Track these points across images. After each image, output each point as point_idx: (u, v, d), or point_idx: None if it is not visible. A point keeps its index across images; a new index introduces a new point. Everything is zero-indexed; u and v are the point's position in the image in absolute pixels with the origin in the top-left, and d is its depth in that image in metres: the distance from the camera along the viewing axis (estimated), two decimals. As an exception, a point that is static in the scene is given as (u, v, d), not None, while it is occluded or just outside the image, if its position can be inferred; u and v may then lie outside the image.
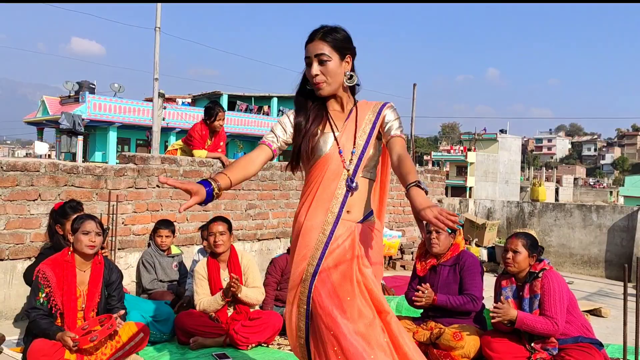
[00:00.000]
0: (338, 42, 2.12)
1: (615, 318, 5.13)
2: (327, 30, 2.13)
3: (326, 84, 2.14)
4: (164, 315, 3.91)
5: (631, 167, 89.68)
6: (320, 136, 2.19)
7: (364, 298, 2.12)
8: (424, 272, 3.80)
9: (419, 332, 3.63)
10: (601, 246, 7.83)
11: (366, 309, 2.10)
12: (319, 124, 2.20)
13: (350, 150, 2.17)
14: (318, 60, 2.11)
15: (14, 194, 4.26)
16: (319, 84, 2.13)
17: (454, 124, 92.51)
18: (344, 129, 2.20)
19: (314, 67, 2.11)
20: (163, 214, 5.22)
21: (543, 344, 3.27)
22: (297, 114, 2.23)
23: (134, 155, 5.21)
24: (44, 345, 2.93)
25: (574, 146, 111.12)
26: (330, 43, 2.11)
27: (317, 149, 2.18)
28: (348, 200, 2.17)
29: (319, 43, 2.11)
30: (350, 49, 2.18)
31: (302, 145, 2.18)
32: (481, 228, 8.28)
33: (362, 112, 2.22)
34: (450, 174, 41.56)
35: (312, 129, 2.18)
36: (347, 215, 2.17)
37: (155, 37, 13.86)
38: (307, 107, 2.20)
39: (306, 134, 2.18)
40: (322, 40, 2.11)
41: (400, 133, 2.21)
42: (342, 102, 2.24)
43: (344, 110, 2.24)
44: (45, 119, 25.88)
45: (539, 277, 3.34)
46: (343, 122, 2.22)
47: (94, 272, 3.20)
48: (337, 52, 2.12)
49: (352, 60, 2.19)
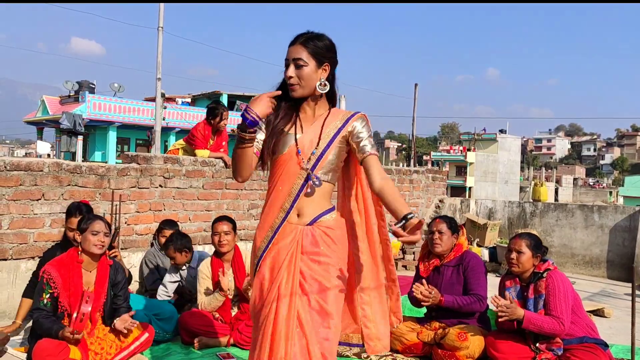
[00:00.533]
0: (317, 49, 2.19)
1: (619, 318, 5.14)
2: (309, 37, 2.20)
3: (299, 86, 2.20)
4: (167, 314, 3.91)
5: (631, 167, 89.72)
6: (284, 135, 2.25)
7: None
8: (427, 273, 3.80)
9: (423, 332, 3.63)
10: (603, 246, 7.83)
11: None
12: (285, 124, 2.26)
13: (311, 151, 2.22)
14: (295, 64, 2.19)
15: (17, 193, 4.26)
16: (293, 86, 2.21)
17: (453, 124, 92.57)
18: (307, 131, 2.25)
19: (290, 69, 2.20)
20: (166, 213, 5.22)
21: (548, 344, 3.27)
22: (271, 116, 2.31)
23: (136, 155, 5.20)
24: (49, 345, 2.93)
25: (573, 146, 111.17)
26: (309, 49, 2.18)
27: (278, 147, 2.24)
28: (300, 202, 2.22)
29: (298, 47, 2.19)
30: (329, 57, 2.23)
31: (266, 142, 2.25)
32: (483, 228, 8.28)
33: (331, 118, 2.27)
34: (450, 174, 41.47)
35: (279, 127, 2.25)
36: (296, 219, 2.23)
37: (158, 37, 13.85)
38: (280, 106, 2.27)
39: (272, 130, 2.24)
40: (302, 45, 2.19)
41: (374, 152, 2.25)
42: (315, 107, 2.28)
43: (315, 115, 2.29)
44: (45, 119, 25.87)
45: (543, 277, 3.33)
46: (310, 125, 2.26)
47: (100, 273, 3.20)
48: (315, 59, 2.19)
49: (330, 69, 2.23)
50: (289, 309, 2.11)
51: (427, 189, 9.07)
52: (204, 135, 5.55)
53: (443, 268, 3.74)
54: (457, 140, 63.39)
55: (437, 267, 3.76)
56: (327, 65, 2.22)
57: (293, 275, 2.16)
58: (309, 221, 2.24)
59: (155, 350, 3.61)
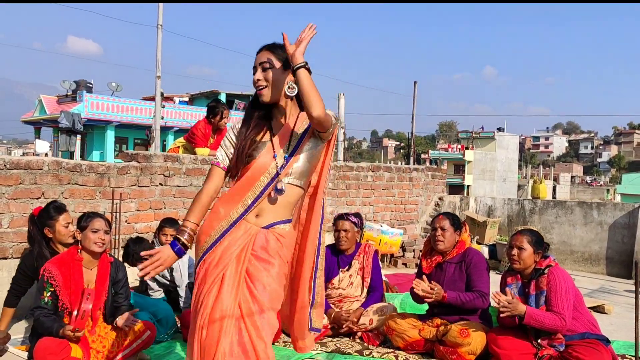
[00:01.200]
0: (284, 54, 2.20)
1: (619, 315, 5.15)
2: (275, 44, 2.24)
3: (267, 89, 2.22)
4: (162, 313, 3.86)
5: (628, 164, 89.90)
6: (257, 143, 2.25)
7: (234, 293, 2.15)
8: (429, 269, 3.79)
9: (425, 329, 3.63)
10: (602, 243, 7.85)
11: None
12: (258, 133, 2.27)
13: (283, 156, 2.23)
14: (262, 67, 2.22)
15: (17, 192, 4.24)
16: (261, 89, 2.22)
17: (451, 123, 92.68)
18: (278, 134, 2.26)
19: (257, 73, 2.23)
20: (166, 212, 5.21)
21: (550, 341, 3.27)
22: (242, 123, 2.32)
23: (136, 154, 5.19)
24: (51, 343, 2.92)
25: (571, 144, 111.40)
26: (276, 53, 2.22)
27: (251, 155, 2.25)
28: (263, 204, 2.22)
29: (265, 53, 2.23)
30: None
31: (239, 150, 2.25)
32: (482, 226, 8.29)
33: (300, 121, 2.27)
34: (448, 173, 41.51)
35: (250, 136, 2.26)
36: (254, 219, 2.23)
37: (157, 35, 13.82)
38: (252, 117, 2.30)
39: (244, 140, 2.25)
40: (269, 50, 2.24)
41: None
42: (286, 112, 2.29)
43: (286, 120, 2.29)
44: (43, 118, 25.82)
45: (545, 273, 3.33)
46: (279, 129, 2.27)
47: (101, 270, 3.19)
48: (281, 61, 2.21)
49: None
50: (234, 297, 2.13)
51: (426, 187, 9.07)
52: (204, 134, 5.54)
53: (445, 265, 3.73)
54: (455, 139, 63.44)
55: (439, 263, 3.76)
56: None
57: (240, 271, 2.17)
58: (266, 225, 2.25)
59: (157, 348, 3.60)
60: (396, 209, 8.31)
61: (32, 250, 3.57)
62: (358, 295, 4.09)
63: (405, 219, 8.46)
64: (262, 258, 2.20)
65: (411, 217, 8.58)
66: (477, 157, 42.63)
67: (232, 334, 2.09)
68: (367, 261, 4.13)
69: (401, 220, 8.38)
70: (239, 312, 2.12)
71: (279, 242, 2.25)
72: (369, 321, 3.86)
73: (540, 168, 52.88)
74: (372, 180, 7.87)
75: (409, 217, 8.54)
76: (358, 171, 7.67)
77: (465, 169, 42.22)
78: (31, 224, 3.59)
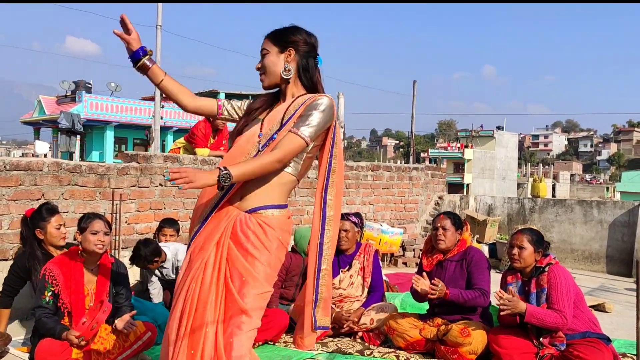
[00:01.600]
0: (279, 35, 2.23)
1: (620, 313, 5.15)
2: (275, 30, 2.27)
3: (265, 76, 2.27)
4: (162, 319, 3.84)
5: (627, 162, 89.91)
6: (253, 119, 2.30)
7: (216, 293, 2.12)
8: (430, 267, 3.79)
9: (425, 329, 3.63)
10: (602, 242, 7.85)
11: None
12: (261, 111, 2.31)
13: (270, 135, 2.20)
14: (261, 56, 2.27)
15: (17, 193, 4.24)
16: (260, 76, 2.29)
17: (450, 121, 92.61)
18: (272, 114, 2.26)
19: (258, 63, 2.29)
20: (166, 212, 5.21)
21: (551, 339, 3.26)
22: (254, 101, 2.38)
23: (136, 154, 5.19)
24: (52, 345, 2.92)
25: (570, 142, 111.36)
26: (271, 38, 2.25)
27: (243, 128, 2.29)
28: (247, 185, 2.16)
29: (264, 41, 2.28)
30: (293, 42, 2.23)
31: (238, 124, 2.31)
32: (482, 224, 8.29)
33: (296, 102, 2.24)
34: (448, 171, 41.47)
35: (253, 114, 2.31)
36: (237, 201, 2.19)
37: (156, 35, 13.82)
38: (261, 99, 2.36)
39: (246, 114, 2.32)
40: (267, 38, 2.27)
41: (298, 132, 2.12)
42: (289, 94, 2.29)
43: (285, 100, 2.29)
44: (42, 119, 25.77)
45: (545, 271, 3.32)
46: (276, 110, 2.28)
47: (102, 271, 3.19)
48: (277, 45, 2.23)
49: (295, 53, 2.24)
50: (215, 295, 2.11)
51: (426, 186, 9.07)
52: (204, 134, 5.55)
53: (446, 263, 3.73)
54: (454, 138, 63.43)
55: (440, 261, 3.75)
56: (291, 50, 2.23)
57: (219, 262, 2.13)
58: (249, 209, 2.17)
59: (158, 350, 3.59)
60: (396, 208, 8.31)
61: (25, 250, 3.58)
62: (359, 295, 4.09)
63: (405, 218, 8.46)
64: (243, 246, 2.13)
65: (411, 216, 8.58)
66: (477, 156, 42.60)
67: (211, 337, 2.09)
68: (367, 261, 4.13)
69: (401, 220, 8.38)
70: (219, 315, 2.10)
71: (262, 230, 2.14)
72: (369, 321, 3.86)
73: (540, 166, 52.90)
74: (372, 179, 7.87)
75: (409, 216, 8.54)
76: (358, 170, 7.67)
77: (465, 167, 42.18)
78: (23, 225, 3.60)
